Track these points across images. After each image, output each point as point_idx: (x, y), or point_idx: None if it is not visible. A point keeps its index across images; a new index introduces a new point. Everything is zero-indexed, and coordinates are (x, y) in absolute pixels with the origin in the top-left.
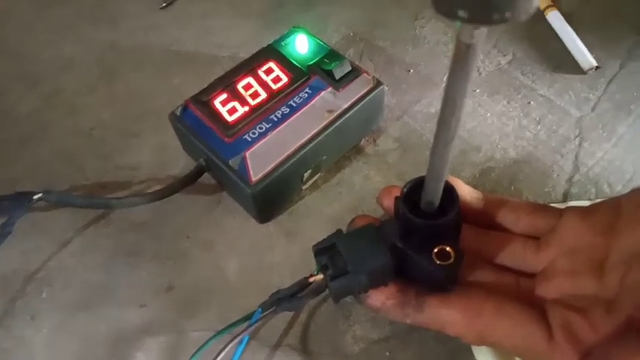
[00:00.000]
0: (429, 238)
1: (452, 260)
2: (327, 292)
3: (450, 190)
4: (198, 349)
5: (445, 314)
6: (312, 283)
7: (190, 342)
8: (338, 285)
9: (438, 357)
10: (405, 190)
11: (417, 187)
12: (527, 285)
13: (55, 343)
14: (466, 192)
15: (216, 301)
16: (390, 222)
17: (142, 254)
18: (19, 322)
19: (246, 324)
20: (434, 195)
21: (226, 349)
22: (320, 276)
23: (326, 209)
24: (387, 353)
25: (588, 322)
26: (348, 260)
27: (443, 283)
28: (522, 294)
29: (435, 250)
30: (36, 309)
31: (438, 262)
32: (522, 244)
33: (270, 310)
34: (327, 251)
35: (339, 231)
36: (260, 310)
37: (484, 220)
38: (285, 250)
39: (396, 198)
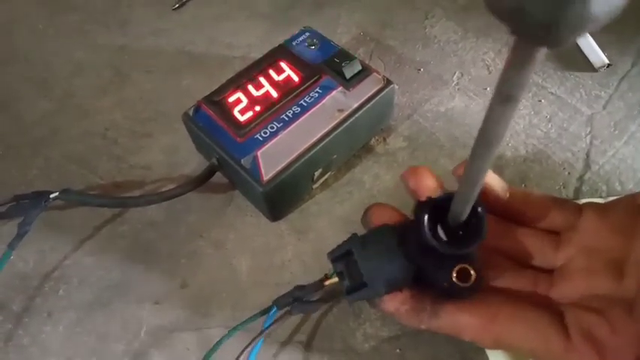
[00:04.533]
0: (451, 257)
1: (472, 282)
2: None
3: (475, 211)
4: (213, 348)
5: (461, 320)
6: (326, 285)
7: (204, 339)
8: (356, 297)
9: (449, 355)
10: (428, 208)
11: (440, 204)
12: (545, 284)
13: (72, 340)
14: (495, 181)
15: (228, 298)
16: (408, 226)
17: (157, 253)
18: (37, 319)
19: (259, 320)
20: (464, 208)
21: (244, 354)
22: (335, 279)
23: (336, 208)
24: (398, 351)
25: (607, 323)
26: (365, 271)
27: (460, 299)
28: (539, 294)
29: (456, 270)
30: (53, 307)
31: (457, 282)
32: (541, 240)
33: (284, 310)
34: (343, 258)
35: (354, 235)
36: (275, 309)
37: (506, 212)
38: (297, 248)
39: (417, 204)
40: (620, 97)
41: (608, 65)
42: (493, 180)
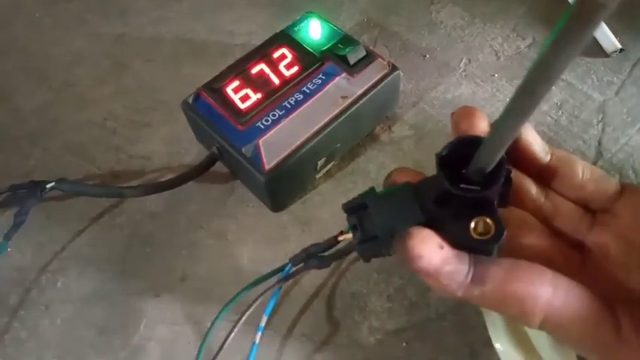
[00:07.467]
0: (469, 207)
1: (491, 235)
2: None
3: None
4: (228, 303)
5: (512, 290)
6: (340, 241)
7: (204, 331)
8: (365, 250)
9: (456, 348)
10: (444, 152)
11: (460, 146)
12: (577, 262)
13: (70, 333)
14: (535, 140)
15: (229, 290)
16: (429, 180)
17: (156, 244)
18: (34, 312)
19: (275, 277)
20: (494, 156)
21: (258, 301)
22: (350, 235)
23: (340, 198)
24: (404, 344)
25: None
26: (377, 224)
27: (478, 254)
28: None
29: (474, 221)
30: (51, 299)
31: (475, 235)
32: (579, 215)
33: (299, 266)
34: (357, 210)
35: (371, 189)
36: (290, 266)
37: (547, 176)
38: (299, 239)
39: (437, 155)
40: (633, 83)
41: (621, 50)
42: (534, 138)
